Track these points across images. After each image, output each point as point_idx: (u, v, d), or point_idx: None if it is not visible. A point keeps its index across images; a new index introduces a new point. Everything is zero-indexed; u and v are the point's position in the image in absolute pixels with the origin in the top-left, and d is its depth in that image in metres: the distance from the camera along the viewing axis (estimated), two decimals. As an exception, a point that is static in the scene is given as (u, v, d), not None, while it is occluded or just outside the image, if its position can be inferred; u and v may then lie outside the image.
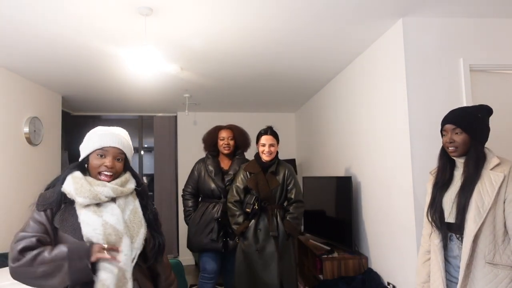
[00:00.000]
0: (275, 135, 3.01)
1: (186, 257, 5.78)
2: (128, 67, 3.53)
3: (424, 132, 2.58)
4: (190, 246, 3.18)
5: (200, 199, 3.32)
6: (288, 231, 2.87)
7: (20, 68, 3.63)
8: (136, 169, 6.30)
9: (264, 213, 2.86)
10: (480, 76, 2.70)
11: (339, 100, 4.11)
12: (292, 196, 2.97)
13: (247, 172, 2.94)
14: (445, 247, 1.81)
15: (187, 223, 3.26)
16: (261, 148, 2.95)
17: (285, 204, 3.00)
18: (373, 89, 3.23)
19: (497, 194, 1.64)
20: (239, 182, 2.95)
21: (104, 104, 5.42)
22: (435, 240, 1.83)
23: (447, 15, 2.67)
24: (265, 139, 2.95)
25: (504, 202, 1.66)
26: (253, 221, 2.84)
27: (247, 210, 2.85)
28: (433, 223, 1.84)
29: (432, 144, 2.38)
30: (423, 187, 1.98)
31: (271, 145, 2.94)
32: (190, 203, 3.29)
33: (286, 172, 3.00)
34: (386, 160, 3.00)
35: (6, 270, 2.76)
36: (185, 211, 3.31)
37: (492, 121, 1.84)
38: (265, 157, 2.93)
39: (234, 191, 2.94)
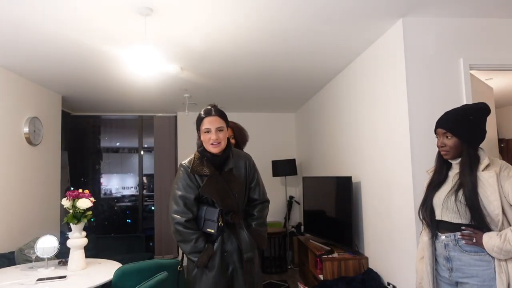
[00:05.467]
0: (222, 115, 2.07)
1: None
2: (128, 67, 3.54)
3: (424, 132, 2.59)
4: None
5: None
6: (258, 243, 2.12)
7: (20, 68, 3.63)
8: (136, 169, 6.31)
9: (227, 228, 2.04)
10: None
11: (339, 100, 4.11)
12: (256, 196, 2.19)
13: (195, 175, 2.03)
14: (434, 245, 1.86)
15: None
16: (205, 136, 2.03)
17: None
18: (373, 89, 3.23)
19: (498, 191, 1.67)
20: (186, 190, 2.01)
21: (104, 104, 5.43)
22: (425, 237, 1.88)
23: (447, 15, 2.67)
24: (209, 121, 2.01)
25: (506, 197, 1.68)
26: (217, 243, 2.02)
27: (210, 230, 1.99)
28: (423, 221, 1.89)
29: (432, 144, 2.37)
30: (423, 187, 2.00)
31: (218, 130, 2.02)
32: None
33: (247, 164, 2.17)
34: (386, 160, 3.00)
35: (5, 271, 2.76)
36: None
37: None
38: (212, 149, 2.03)
39: (182, 205, 1.99)
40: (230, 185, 2.06)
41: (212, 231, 1.99)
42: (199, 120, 2.07)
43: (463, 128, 1.77)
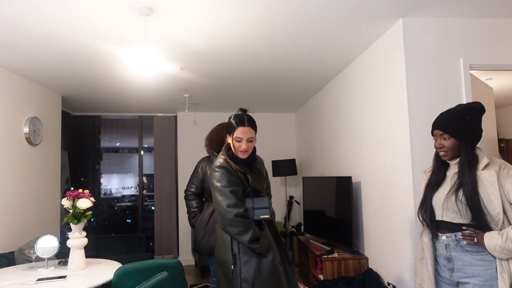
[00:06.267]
0: (253, 126, 2.18)
1: (186, 257, 5.78)
2: (128, 67, 3.54)
3: (424, 132, 2.59)
4: (198, 249, 3.01)
5: (204, 200, 3.12)
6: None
7: (20, 68, 3.63)
8: (136, 169, 6.31)
9: None
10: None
11: (339, 100, 4.11)
12: (268, 192, 2.43)
13: (237, 172, 2.18)
14: (435, 245, 1.86)
15: (192, 225, 3.07)
16: (235, 144, 2.16)
17: None
18: (373, 89, 3.23)
19: (499, 190, 1.67)
20: (233, 186, 2.13)
21: (104, 104, 5.43)
22: (425, 238, 1.88)
23: (447, 15, 2.67)
24: (241, 132, 2.13)
25: (506, 196, 1.69)
26: (266, 229, 2.23)
27: (265, 216, 2.14)
28: (423, 222, 1.89)
29: (432, 144, 2.38)
30: (421, 187, 2.00)
31: (248, 140, 2.15)
32: (194, 203, 3.05)
33: (263, 163, 2.43)
34: (386, 160, 3.00)
35: (5, 271, 2.76)
36: (189, 212, 3.08)
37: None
38: (241, 155, 2.18)
39: (234, 198, 2.10)
40: (260, 180, 2.26)
41: (267, 216, 2.14)
42: (231, 127, 2.16)
43: (460, 128, 1.78)
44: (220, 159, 2.21)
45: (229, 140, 2.19)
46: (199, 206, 3.06)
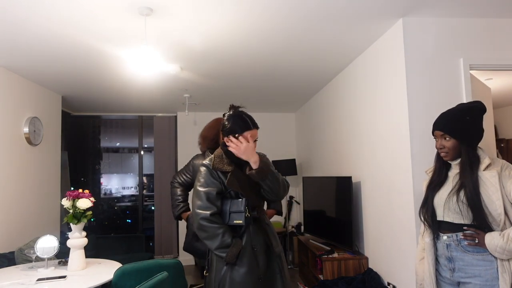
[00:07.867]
0: (257, 125, 2.08)
1: (186, 257, 5.77)
2: (128, 67, 3.54)
3: (424, 132, 2.59)
4: (193, 251, 2.84)
5: None
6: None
7: (20, 68, 3.63)
8: (136, 169, 6.31)
9: (253, 223, 2.04)
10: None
11: (339, 100, 4.11)
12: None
13: (218, 172, 2.03)
14: (436, 245, 1.86)
15: (176, 217, 2.92)
16: None
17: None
18: (373, 89, 3.23)
19: (500, 191, 1.68)
20: (209, 186, 1.99)
21: (104, 104, 5.43)
22: (426, 238, 1.88)
23: (447, 15, 2.67)
24: (251, 136, 2.00)
25: (508, 196, 1.69)
26: (245, 237, 1.99)
27: (237, 222, 1.97)
28: (425, 222, 1.89)
29: (432, 144, 2.37)
30: (422, 187, 2.00)
31: (254, 141, 2.05)
32: (178, 191, 2.90)
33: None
34: (386, 160, 3.00)
35: (5, 271, 2.76)
36: (172, 200, 2.91)
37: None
38: None
39: (205, 199, 1.97)
40: (250, 180, 2.03)
41: (240, 221, 1.96)
42: (234, 132, 1.99)
43: (460, 129, 1.78)
44: (207, 157, 2.15)
45: (225, 139, 2.05)
46: (183, 194, 2.94)
